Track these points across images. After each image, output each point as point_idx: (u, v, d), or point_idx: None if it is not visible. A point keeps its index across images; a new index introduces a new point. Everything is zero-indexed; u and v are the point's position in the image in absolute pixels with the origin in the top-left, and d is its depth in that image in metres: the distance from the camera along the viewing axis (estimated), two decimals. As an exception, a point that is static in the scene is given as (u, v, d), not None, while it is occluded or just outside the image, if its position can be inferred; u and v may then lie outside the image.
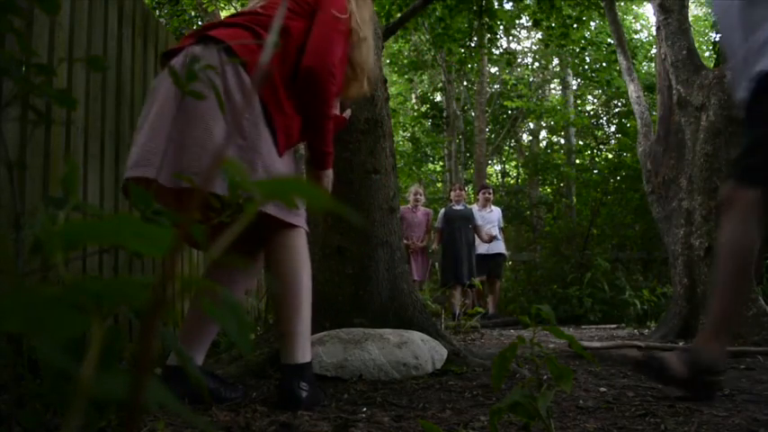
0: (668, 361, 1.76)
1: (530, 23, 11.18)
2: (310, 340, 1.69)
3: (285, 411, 1.50)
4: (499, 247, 6.91)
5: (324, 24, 1.68)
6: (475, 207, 6.99)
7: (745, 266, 1.75)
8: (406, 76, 14.57)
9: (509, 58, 10.60)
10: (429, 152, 15.64)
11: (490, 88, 14.44)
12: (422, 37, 11.34)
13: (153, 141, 1.48)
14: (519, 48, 16.82)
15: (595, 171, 10.65)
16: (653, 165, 4.46)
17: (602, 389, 1.89)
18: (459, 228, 6.41)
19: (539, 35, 13.47)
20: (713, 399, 1.73)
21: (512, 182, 16.27)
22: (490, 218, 6.93)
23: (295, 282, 1.64)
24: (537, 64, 16.20)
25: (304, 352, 1.64)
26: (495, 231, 6.86)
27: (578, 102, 15.85)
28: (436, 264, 7.58)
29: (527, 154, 15.29)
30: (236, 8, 10.07)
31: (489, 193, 7.15)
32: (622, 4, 12.53)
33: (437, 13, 8.16)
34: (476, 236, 6.58)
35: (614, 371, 2.28)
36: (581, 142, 14.19)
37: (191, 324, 1.69)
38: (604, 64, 12.92)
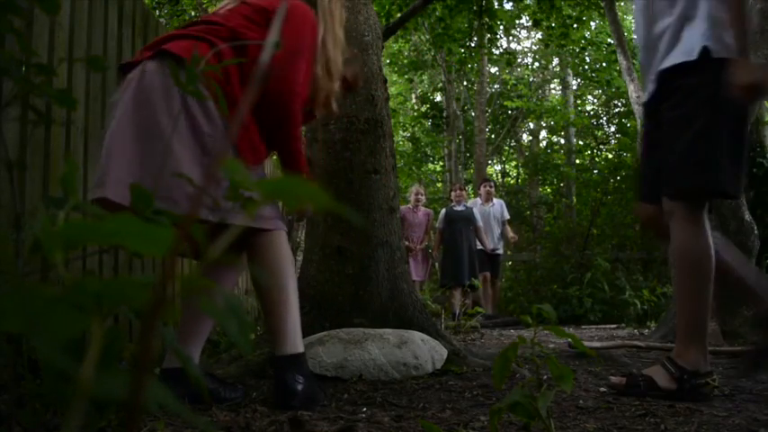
0: (654, 377, 1.79)
1: (530, 23, 11.18)
2: (300, 334, 1.68)
3: (285, 411, 1.50)
4: (501, 246, 6.84)
5: (285, 41, 1.64)
6: (477, 202, 6.91)
7: (703, 271, 1.78)
8: (406, 76, 14.57)
9: (509, 58, 10.61)
10: (429, 152, 15.65)
11: (490, 88, 14.44)
12: (422, 37, 11.34)
13: (107, 160, 1.45)
14: (519, 48, 16.84)
15: (595, 171, 10.65)
16: (653, 165, 4.46)
17: (602, 389, 1.89)
18: (461, 229, 6.39)
19: (539, 35, 13.48)
20: (711, 399, 1.74)
21: (512, 182, 16.27)
22: (494, 212, 6.82)
23: (280, 277, 1.64)
24: (537, 64, 16.21)
25: (294, 344, 1.64)
26: (497, 232, 6.79)
27: (578, 102, 15.85)
28: (436, 264, 7.57)
29: (527, 154, 15.29)
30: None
31: (491, 186, 7.05)
32: (622, 4, 12.54)
33: (437, 13, 8.17)
34: (477, 236, 6.55)
35: (614, 371, 2.27)
36: (581, 142, 14.20)
37: (185, 323, 1.68)
38: (604, 64, 12.93)
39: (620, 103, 13.75)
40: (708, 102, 1.76)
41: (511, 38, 15.82)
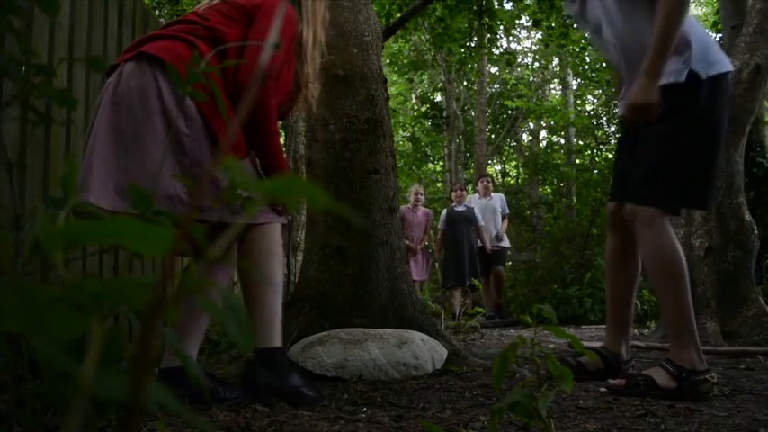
0: (654, 377, 1.81)
1: (530, 23, 11.18)
2: (278, 329, 1.69)
3: (285, 411, 1.50)
4: (503, 242, 6.70)
5: (261, 36, 1.64)
6: (475, 198, 6.85)
7: (677, 271, 1.86)
8: (406, 76, 14.57)
9: (509, 58, 10.60)
10: (429, 152, 15.64)
11: (490, 88, 14.43)
12: (422, 37, 11.34)
13: (88, 165, 1.45)
14: (519, 48, 16.84)
15: (595, 171, 10.64)
16: (653, 165, 4.46)
17: (602, 389, 1.89)
18: (462, 229, 6.38)
19: (539, 35, 13.47)
20: (710, 396, 1.76)
21: (512, 182, 16.26)
22: (492, 205, 6.71)
23: (265, 271, 1.65)
24: (537, 64, 16.20)
25: (265, 338, 1.64)
26: (499, 225, 6.65)
27: (578, 102, 15.84)
28: (436, 264, 7.54)
29: (527, 154, 15.28)
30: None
31: (488, 181, 6.98)
32: (622, 4, 12.50)
33: (437, 13, 8.16)
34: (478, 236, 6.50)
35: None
36: (581, 142, 14.19)
37: (181, 321, 1.68)
38: (604, 64, 12.91)
39: (620, 103, 13.71)
40: (690, 120, 1.85)
41: (511, 38, 15.81)
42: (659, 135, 1.88)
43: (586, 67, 13.81)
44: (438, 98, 15.56)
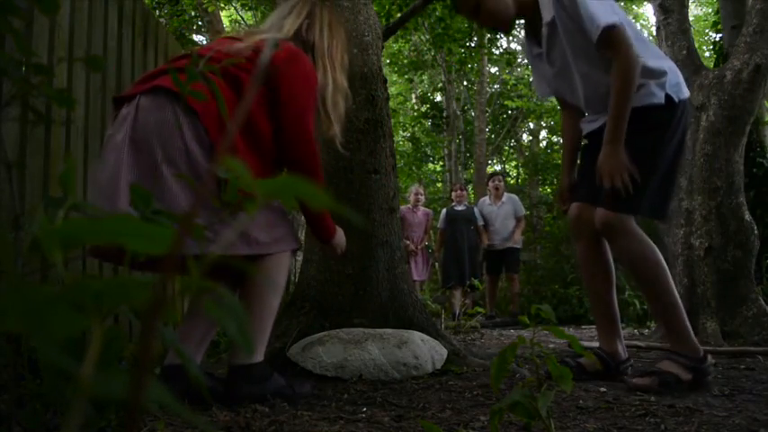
0: (675, 372, 1.89)
1: (530, 23, 11.16)
2: (263, 342, 1.70)
3: (285, 411, 1.50)
4: (516, 243, 6.38)
5: (297, 100, 1.65)
6: (485, 201, 6.59)
7: (664, 268, 1.96)
8: (406, 76, 14.56)
9: (509, 58, 10.61)
10: (429, 152, 15.64)
11: (490, 88, 14.43)
12: (422, 37, 11.34)
13: (108, 203, 1.44)
14: (519, 48, 16.80)
15: (595, 171, 10.61)
16: (653, 165, 4.45)
17: (602, 389, 1.89)
18: (461, 228, 6.36)
19: (539, 35, 13.43)
20: (710, 395, 1.81)
21: (512, 182, 16.26)
22: (504, 212, 6.35)
23: (261, 304, 1.66)
24: (537, 64, 16.18)
25: (244, 353, 1.65)
26: (511, 227, 6.33)
27: (578, 102, 15.81)
28: (436, 264, 7.53)
29: (527, 154, 15.29)
30: (235, 8, 10.06)
31: (500, 181, 6.51)
32: (622, 4, 12.53)
33: (437, 13, 8.17)
34: (480, 236, 6.45)
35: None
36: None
37: (188, 325, 1.68)
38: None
39: (620, 103, 13.70)
40: (662, 137, 1.98)
41: (511, 38, 15.82)
42: (634, 149, 1.97)
43: (586, 67, 13.78)
44: (438, 98, 15.56)
